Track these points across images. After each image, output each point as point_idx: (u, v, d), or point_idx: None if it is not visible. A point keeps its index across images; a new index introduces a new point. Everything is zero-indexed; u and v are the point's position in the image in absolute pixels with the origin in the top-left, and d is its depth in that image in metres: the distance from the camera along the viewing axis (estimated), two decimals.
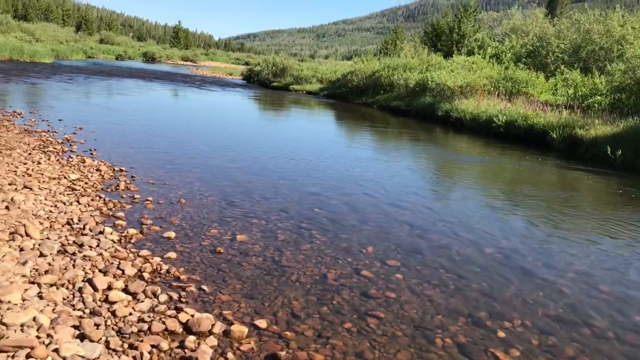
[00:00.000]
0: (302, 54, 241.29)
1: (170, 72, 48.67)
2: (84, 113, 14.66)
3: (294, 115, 21.36)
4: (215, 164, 9.55)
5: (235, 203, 6.98)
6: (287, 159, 10.67)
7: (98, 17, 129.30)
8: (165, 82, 32.12)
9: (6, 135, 9.87)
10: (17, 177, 6.94)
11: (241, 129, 14.96)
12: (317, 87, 33.61)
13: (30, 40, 49.30)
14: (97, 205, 6.20)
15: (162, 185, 7.53)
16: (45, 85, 21.78)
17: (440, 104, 20.44)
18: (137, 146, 10.42)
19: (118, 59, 69.73)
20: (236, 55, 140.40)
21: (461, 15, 38.72)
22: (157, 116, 15.79)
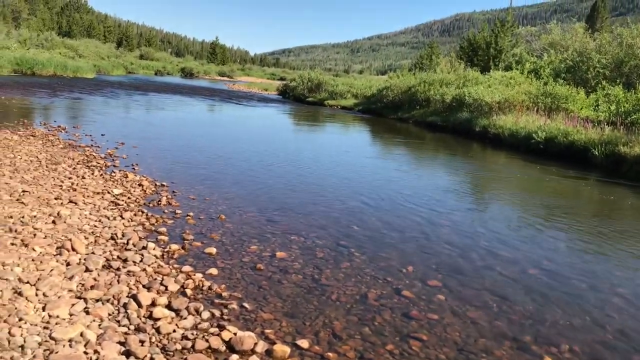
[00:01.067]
0: (336, 68, 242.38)
1: (207, 87, 49.51)
2: (125, 128, 15.01)
3: (329, 130, 21.42)
4: (253, 179, 9.62)
5: (274, 219, 7.01)
6: (324, 174, 10.69)
7: (138, 34, 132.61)
8: (203, 98, 32.66)
9: (52, 149, 10.17)
10: (62, 191, 7.13)
11: (277, 144, 15.07)
12: (352, 103, 33.66)
13: (74, 56, 50.86)
14: (140, 220, 6.30)
15: (202, 200, 7.62)
16: (87, 100, 22.39)
17: (477, 120, 20.22)
18: (177, 161, 10.59)
19: (157, 74, 71.27)
20: (271, 71, 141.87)
21: (498, 30, 38.37)
22: (196, 131, 16.05)
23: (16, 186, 7.00)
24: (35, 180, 7.52)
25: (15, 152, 9.40)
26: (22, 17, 73.38)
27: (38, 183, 7.39)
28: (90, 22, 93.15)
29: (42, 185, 7.30)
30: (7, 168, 8.11)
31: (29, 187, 7.06)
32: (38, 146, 10.25)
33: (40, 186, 7.22)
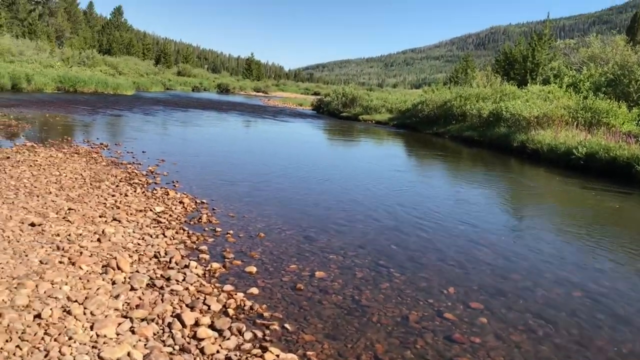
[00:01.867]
0: (370, 83, 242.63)
1: (243, 103, 50.16)
2: (165, 145, 15.31)
3: (364, 145, 21.42)
4: (291, 196, 9.68)
5: (312, 237, 7.04)
6: (361, 191, 10.68)
7: (175, 50, 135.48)
8: (239, 113, 33.08)
9: (95, 167, 10.44)
10: (106, 209, 7.30)
11: (313, 160, 15.15)
12: (386, 117, 33.61)
13: (114, 73, 52.21)
14: (181, 238, 6.41)
15: (241, 218, 7.70)
16: (127, 117, 22.93)
17: (515, 135, 19.94)
18: (216, 178, 10.74)
19: (194, 90, 72.54)
20: (305, 86, 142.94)
21: (535, 44, 37.91)
22: (234, 148, 16.25)
23: (62, 204, 7.21)
24: (80, 198, 7.73)
25: (60, 169, 9.69)
26: (65, 36, 75.87)
27: (83, 201, 7.59)
28: (130, 40, 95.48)
29: (86, 203, 7.50)
30: (54, 186, 8.36)
31: (75, 204, 7.26)
32: (82, 164, 10.53)
33: (85, 204, 7.42)
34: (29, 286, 4.35)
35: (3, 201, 7.09)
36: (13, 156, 10.60)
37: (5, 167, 9.38)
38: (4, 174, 8.82)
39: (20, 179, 8.55)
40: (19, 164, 9.78)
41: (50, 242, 5.60)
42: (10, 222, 6.07)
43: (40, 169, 9.58)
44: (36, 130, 15.68)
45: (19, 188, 7.96)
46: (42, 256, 5.13)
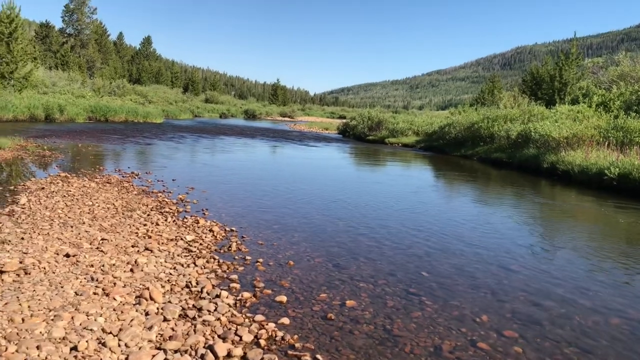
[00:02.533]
0: (395, 105, 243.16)
1: (269, 128, 50.67)
2: (195, 172, 15.52)
3: (391, 169, 21.38)
4: (319, 222, 9.69)
5: (342, 265, 7.02)
6: (389, 216, 10.63)
7: (203, 78, 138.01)
8: (266, 139, 33.40)
9: (126, 196, 10.62)
10: (138, 238, 7.41)
11: (340, 185, 15.16)
12: (413, 140, 33.54)
13: (144, 102, 53.35)
14: (212, 267, 6.46)
15: (270, 245, 7.73)
16: (157, 145, 23.34)
17: (544, 156, 19.69)
18: (244, 205, 10.82)
19: (222, 117, 73.56)
20: (331, 109, 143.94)
21: (562, 63, 37.55)
22: (261, 174, 16.38)
23: (95, 234, 7.34)
24: (113, 228, 7.87)
25: (93, 199, 9.88)
26: (96, 67, 77.93)
27: (115, 230, 7.72)
28: (159, 69, 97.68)
29: (119, 232, 7.63)
30: (87, 216, 8.53)
31: (108, 234, 7.39)
32: (114, 193, 10.74)
33: (117, 234, 7.54)
34: (65, 318, 4.42)
35: (39, 232, 7.26)
36: (47, 187, 10.87)
37: (40, 198, 9.62)
38: (39, 205, 9.04)
39: (54, 210, 8.75)
40: (54, 195, 10.02)
41: (84, 273, 5.69)
42: (46, 254, 6.21)
43: (74, 199, 9.79)
44: (69, 160, 16.06)
45: (53, 219, 8.15)
46: (77, 287, 5.22)
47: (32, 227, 7.56)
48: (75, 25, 77.97)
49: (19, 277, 5.46)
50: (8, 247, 6.44)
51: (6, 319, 4.36)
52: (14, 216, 8.24)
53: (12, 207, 8.81)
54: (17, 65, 38.83)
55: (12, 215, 8.34)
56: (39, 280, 5.37)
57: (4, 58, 38.15)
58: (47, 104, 34.21)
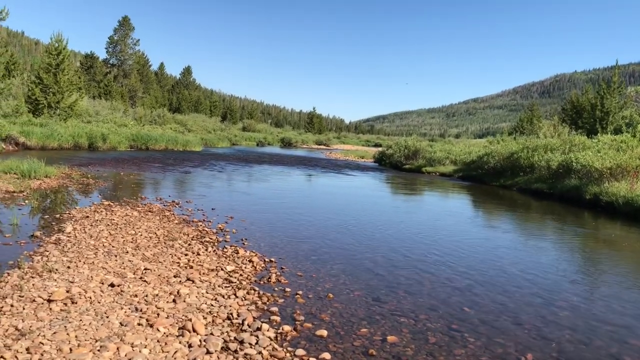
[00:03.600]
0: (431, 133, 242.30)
1: (306, 156, 50.98)
2: (233, 201, 15.69)
3: (429, 199, 21.20)
4: (357, 253, 9.64)
5: (382, 299, 6.96)
6: (428, 248, 10.52)
7: (241, 107, 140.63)
8: (302, 167, 33.62)
9: (168, 225, 10.80)
10: (180, 268, 7.51)
11: (378, 215, 15.09)
12: (451, 169, 33.25)
13: (183, 130, 54.54)
14: (252, 298, 6.48)
15: (309, 277, 7.73)
16: (196, 174, 23.73)
17: (587, 187, 19.26)
18: (283, 235, 10.87)
19: (259, 145, 74.46)
20: (366, 137, 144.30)
21: (604, 91, 36.92)
22: (298, 203, 16.45)
23: (139, 264, 7.48)
24: (155, 257, 8.00)
25: (136, 228, 10.08)
26: (137, 96, 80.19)
27: (158, 260, 7.85)
28: (198, 98, 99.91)
29: (161, 262, 7.75)
30: (130, 245, 8.70)
31: (150, 264, 7.52)
32: (156, 222, 10.93)
33: (160, 263, 7.66)
34: (111, 349, 4.49)
35: (84, 261, 7.43)
36: (92, 215, 11.14)
37: (85, 227, 9.87)
38: (84, 234, 9.27)
39: (99, 239, 8.95)
40: (98, 223, 10.26)
41: (129, 303, 5.79)
42: (92, 283, 6.34)
43: (117, 227, 10.01)
44: (112, 188, 16.46)
45: (98, 247, 8.34)
46: (122, 318, 5.31)
47: (77, 255, 7.75)
48: (118, 56, 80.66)
49: (66, 306, 5.58)
50: (55, 276, 6.61)
51: (55, 348, 4.46)
52: (60, 245, 8.46)
53: (58, 236, 9.05)
54: (63, 96, 40.28)
55: (58, 243, 8.57)
56: (85, 310, 5.48)
57: (51, 88, 39.64)
58: (91, 133, 35.27)
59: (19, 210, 11.34)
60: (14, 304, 5.57)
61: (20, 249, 8.17)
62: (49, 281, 6.38)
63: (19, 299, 5.75)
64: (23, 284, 6.23)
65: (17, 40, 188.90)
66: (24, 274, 6.71)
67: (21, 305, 5.54)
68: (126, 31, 79.97)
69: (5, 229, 9.42)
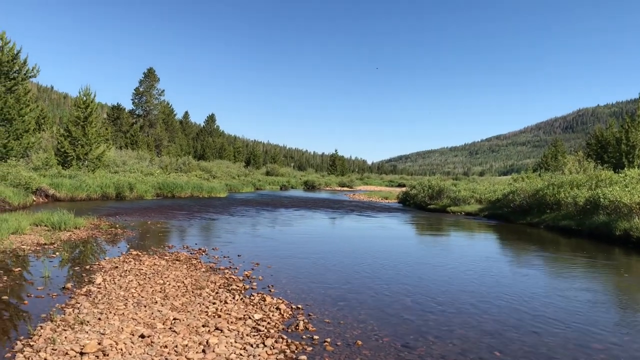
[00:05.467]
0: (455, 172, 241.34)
1: (329, 199, 51.06)
2: (259, 247, 15.77)
3: (455, 240, 20.99)
4: (384, 298, 9.57)
5: (411, 344, 6.88)
6: (456, 290, 10.40)
7: (264, 151, 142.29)
8: (326, 210, 33.67)
9: (195, 273, 10.89)
10: (208, 317, 7.55)
11: (405, 257, 14.98)
12: (476, 208, 32.98)
13: (208, 177, 55.26)
14: (280, 347, 6.47)
15: (337, 324, 7.69)
16: (222, 220, 23.94)
17: (616, 223, 18.91)
18: (309, 280, 10.87)
19: (282, 189, 74.93)
20: (389, 178, 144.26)
21: (628, 125, 36.61)
22: (323, 247, 16.45)
23: (168, 314, 7.54)
24: (184, 307, 8.06)
25: (164, 277, 10.20)
26: (163, 145, 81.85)
27: (186, 310, 7.91)
28: (222, 144, 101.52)
29: (190, 311, 7.80)
30: (159, 295, 8.79)
31: (179, 314, 7.58)
32: (183, 271, 11.04)
33: (188, 313, 7.72)
34: None
35: (114, 312, 7.53)
36: (121, 265, 11.31)
37: (114, 277, 10.02)
38: (113, 285, 9.40)
39: (128, 289, 9.07)
40: (127, 274, 10.41)
41: (159, 354, 5.84)
42: (122, 334, 6.42)
43: (146, 277, 10.13)
44: (139, 237, 16.69)
45: (127, 298, 8.45)
46: None
47: (108, 307, 7.86)
48: (144, 107, 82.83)
49: (98, 358, 5.65)
50: (87, 328, 6.70)
51: None
52: (90, 296, 8.60)
53: (88, 287, 9.20)
54: (91, 147, 41.36)
55: (89, 295, 8.70)
56: None
57: (80, 141, 40.77)
58: (118, 183, 35.97)
59: (50, 262, 11.57)
60: (47, 357, 5.67)
61: (52, 302, 8.32)
62: (80, 333, 6.47)
63: (52, 352, 5.85)
64: (56, 337, 6.33)
65: (46, 94, 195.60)
66: (57, 326, 6.83)
67: (54, 359, 5.63)
68: (151, 82, 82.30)
69: (37, 282, 9.61)
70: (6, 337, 6.62)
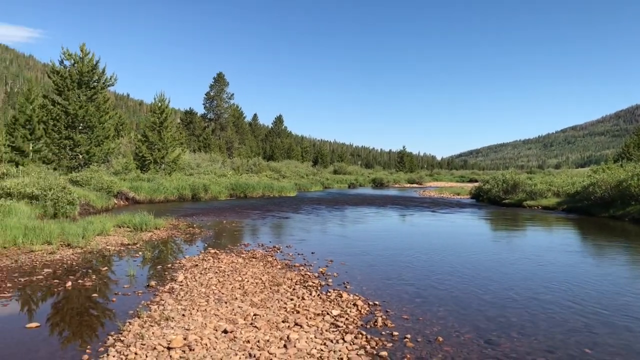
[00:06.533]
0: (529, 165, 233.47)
1: (399, 196, 50.61)
2: (331, 244, 15.83)
3: (533, 234, 20.27)
4: (462, 295, 9.38)
5: (494, 341, 6.70)
6: (538, 286, 10.04)
7: (331, 150, 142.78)
8: (396, 207, 33.38)
9: (271, 270, 11.07)
10: (287, 313, 7.65)
11: (481, 253, 14.61)
12: (554, 202, 31.74)
13: (278, 177, 56.04)
14: (360, 343, 6.47)
15: (416, 320, 7.60)
16: (293, 219, 24.22)
17: None
18: (384, 277, 10.80)
19: (350, 187, 74.92)
20: (460, 173, 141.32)
21: None
22: (396, 244, 16.30)
23: (248, 310, 7.70)
24: (263, 303, 8.21)
25: (241, 274, 10.42)
26: (234, 147, 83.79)
27: (265, 306, 8.05)
28: (290, 145, 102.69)
29: (269, 307, 7.93)
30: (238, 291, 8.99)
31: (259, 310, 7.72)
32: (260, 268, 11.25)
33: (268, 309, 7.85)
34: None
35: (197, 308, 7.76)
36: (200, 263, 11.66)
37: (195, 275, 10.33)
38: (194, 282, 9.70)
39: (209, 286, 9.34)
40: (206, 271, 10.71)
41: (242, 349, 5.96)
42: (206, 330, 6.60)
43: (225, 275, 10.39)
44: (216, 236, 17.15)
45: (208, 295, 8.69)
46: None
47: (190, 303, 8.12)
48: (215, 111, 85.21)
49: (184, 353, 5.84)
50: (172, 324, 6.94)
51: None
52: (174, 293, 8.91)
53: (171, 285, 9.54)
54: (167, 151, 42.90)
55: (172, 292, 9.02)
56: (202, 357, 5.70)
57: (156, 145, 42.37)
58: (194, 185, 37.10)
59: (134, 261, 12.09)
60: (137, 352, 5.91)
61: (137, 299, 8.68)
62: (166, 329, 6.71)
63: (141, 347, 6.10)
64: (144, 332, 6.60)
65: (123, 102, 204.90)
66: (144, 322, 7.11)
67: (144, 353, 5.87)
68: (221, 86, 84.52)
69: (123, 280, 10.06)
70: (98, 332, 6.97)
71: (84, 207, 23.58)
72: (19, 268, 10.82)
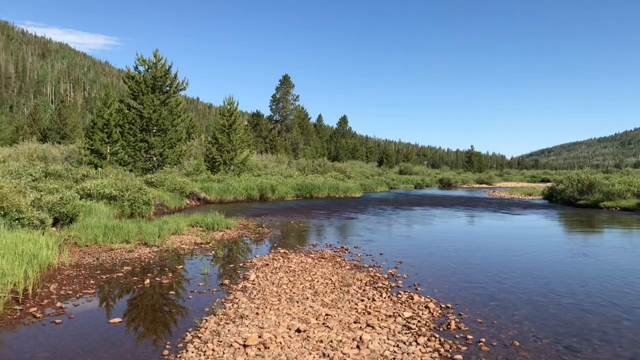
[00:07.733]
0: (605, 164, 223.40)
1: (468, 196, 49.59)
2: (399, 245, 15.72)
3: (611, 236, 19.34)
4: (538, 299, 9.08)
5: (574, 347, 6.47)
6: (619, 292, 9.59)
7: (396, 150, 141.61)
8: (465, 208, 32.72)
9: (340, 271, 11.11)
10: (359, 314, 7.66)
11: (557, 256, 14.08)
12: (634, 203, 30.18)
13: (343, 177, 56.16)
14: (434, 346, 6.39)
15: (490, 324, 7.44)
16: (360, 219, 24.21)
17: None
18: (455, 279, 10.63)
19: (416, 187, 74.04)
20: (531, 173, 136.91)
21: None
22: (466, 245, 15.98)
23: (319, 309, 7.77)
24: (334, 303, 8.26)
25: (311, 274, 10.52)
26: (299, 147, 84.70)
27: (336, 306, 8.09)
28: (354, 145, 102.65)
29: (340, 308, 7.97)
30: (309, 291, 9.09)
31: (330, 310, 7.77)
32: (329, 268, 11.32)
33: (339, 309, 7.89)
34: None
35: (270, 307, 7.91)
36: (270, 263, 11.86)
37: (266, 274, 10.52)
38: (266, 281, 9.88)
39: (280, 285, 9.49)
40: (277, 270, 10.89)
41: (315, 349, 6.02)
42: (280, 328, 6.72)
43: (295, 274, 10.52)
44: (285, 236, 17.39)
45: (280, 294, 8.83)
46: None
47: (263, 302, 8.28)
48: (281, 112, 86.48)
49: (260, 351, 5.97)
50: (246, 322, 7.11)
51: None
52: (246, 292, 9.11)
53: (244, 283, 9.76)
54: (236, 152, 43.91)
55: (245, 290, 9.23)
56: (277, 355, 5.80)
57: (226, 147, 43.43)
58: (261, 185, 37.77)
59: (208, 260, 12.44)
60: (215, 348, 6.09)
61: (212, 297, 8.93)
62: (241, 327, 6.88)
63: (218, 343, 6.28)
64: (220, 329, 6.78)
65: (193, 105, 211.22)
66: (219, 320, 7.32)
67: (221, 350, 6.04)
68: (287, 89, 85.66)
69: (198, 278, 10.38)
70: (176, 328, 7.22)
71: (158, 207, 24.51)
72: (101, 265, 11.38)
